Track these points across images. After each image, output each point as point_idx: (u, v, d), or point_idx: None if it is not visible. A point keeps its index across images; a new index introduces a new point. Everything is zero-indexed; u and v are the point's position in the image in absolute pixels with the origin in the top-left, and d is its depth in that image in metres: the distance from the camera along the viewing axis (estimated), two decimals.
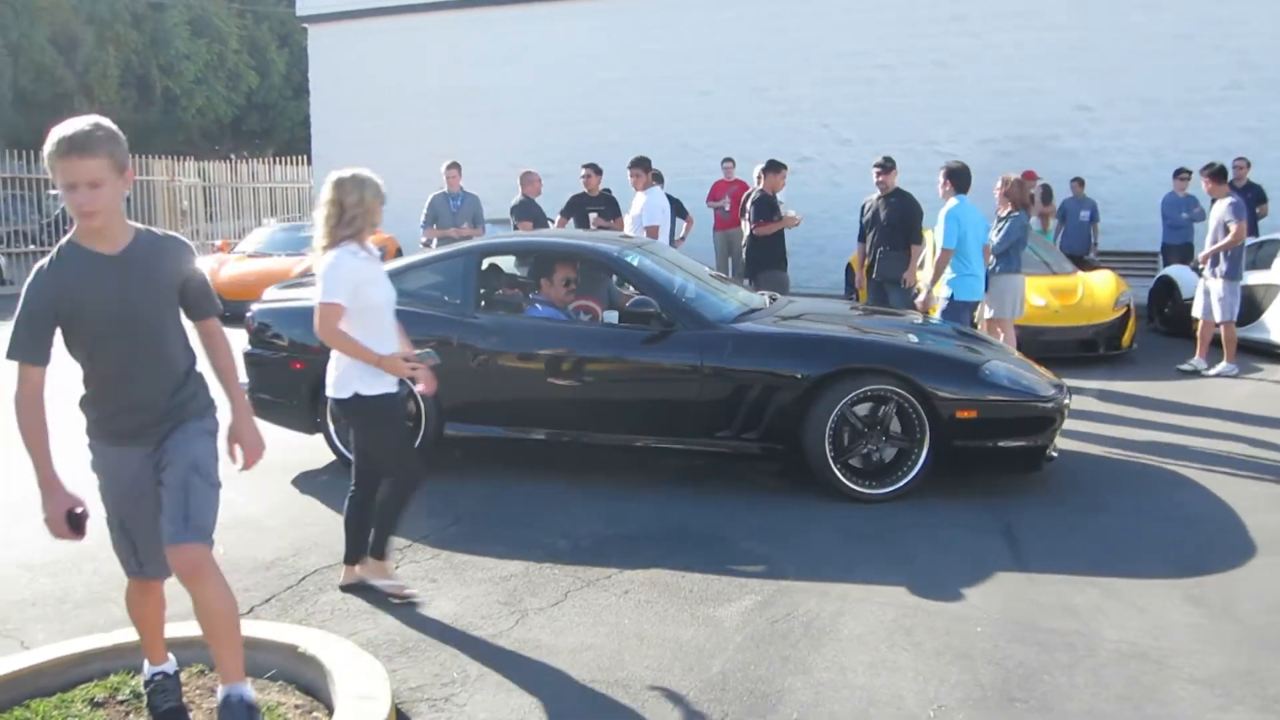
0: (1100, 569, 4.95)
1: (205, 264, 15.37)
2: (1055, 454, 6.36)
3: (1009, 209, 9.30)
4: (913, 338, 6.55)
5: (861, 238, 9.74)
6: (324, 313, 4.31)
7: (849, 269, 13.39)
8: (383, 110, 20.24)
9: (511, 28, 19.27)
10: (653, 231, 9.92)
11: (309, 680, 3.78)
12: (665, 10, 18.19)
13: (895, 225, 9.29)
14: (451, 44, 19.76)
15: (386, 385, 4.46)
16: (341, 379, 4.45)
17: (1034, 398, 6.12)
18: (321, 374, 6.35)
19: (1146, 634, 4.24)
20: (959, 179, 8.40)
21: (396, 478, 4.56)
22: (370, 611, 4.49)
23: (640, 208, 10.12)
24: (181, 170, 23.70)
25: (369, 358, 4.35)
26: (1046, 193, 14.70)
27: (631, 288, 7.13)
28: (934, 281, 8.45)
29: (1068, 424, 7.87)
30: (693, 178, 15.86)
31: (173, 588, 4.76)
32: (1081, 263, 12.63)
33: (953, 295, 8.25)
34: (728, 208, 15.71)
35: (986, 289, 8.57)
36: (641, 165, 10.26)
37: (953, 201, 8.35)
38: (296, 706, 3.61)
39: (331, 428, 6.64)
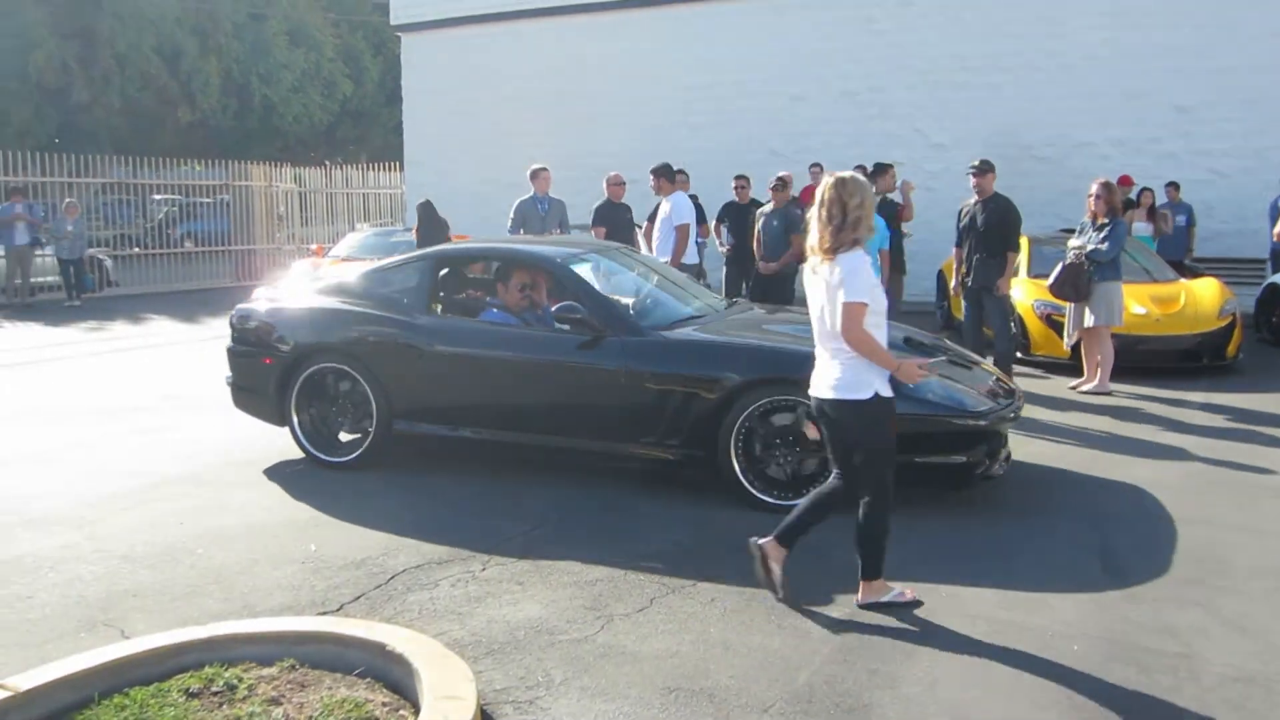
0: (1202, 588, 4.79)
1: (301, 267, 15.73)
2: (1000, 469, 6.09)
3: (1107, 215, 9.12)
4: None
5: (959, 244, 9.56)
6: (855, 312, 4.33)
7: (940, 275, 13.20)
8: (473, 117, 20.50)
9: (601, 34, 19.37)
10: (683, 231, 10.13)
11: (396, 678, 3.81)
12: (756, 14, 18.11)
13: (992, 230, 9.12)
14: (541, 51, 19.93)
15: (891, 389, 4.51)
16: (859, 380, 4.42)
17: (961, 413, 5.86)
18: (286, 371, 6.98)
19: (1253, 657, 4.08)
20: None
21: (881, 486, 4.51)
22: (457, 612, 4.52)
23: (669, 210, 10.24)
24: (278, 176, 24.23)
25: (889, 361, 4.42)
26: (1149, 197, 14.33)
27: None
28: None
29: (1172, 437, 7.67)
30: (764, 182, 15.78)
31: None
32: (1180, 269, 12.29)
33: None
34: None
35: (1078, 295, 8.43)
36: (664, 174, 10.43)
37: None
38: (384, 704, 3.64)
39: (296, 421, 6.98)
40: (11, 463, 7.26)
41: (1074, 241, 9.46)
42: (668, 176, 10.41)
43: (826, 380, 4.50)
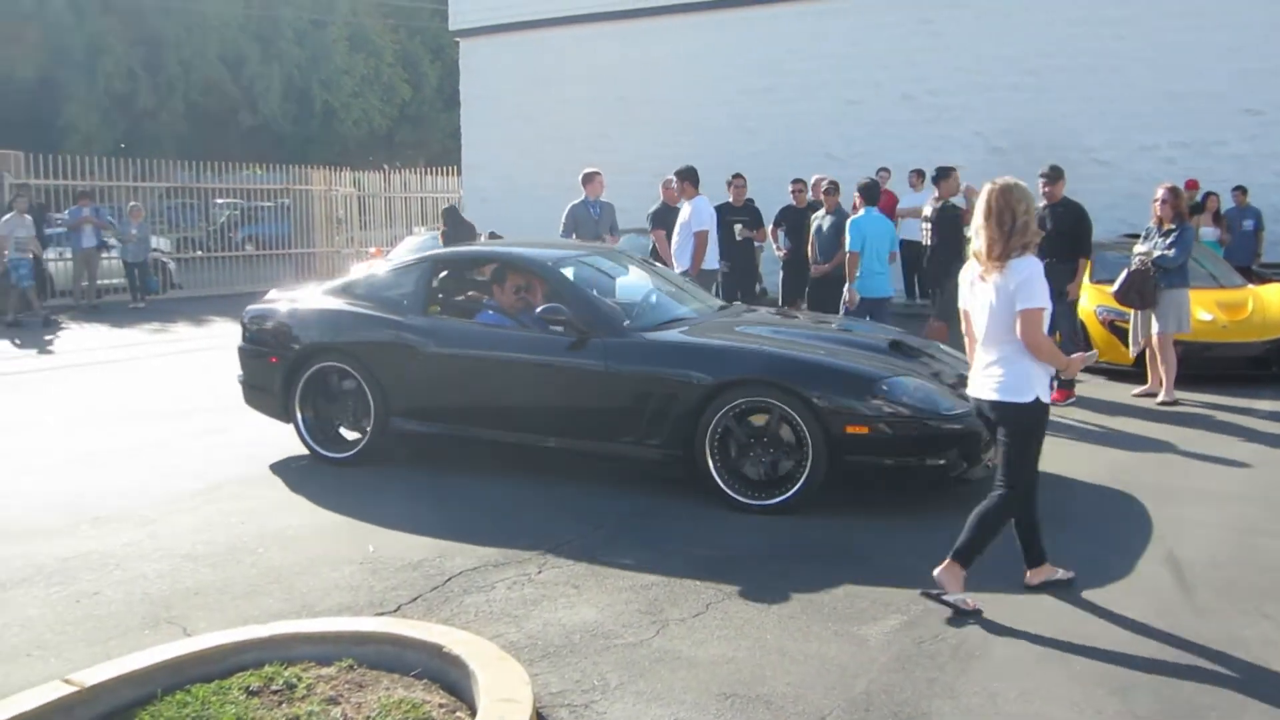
0: (1272, 601, 4.68)
1: (360, 270, 15.87)
2: (982, 472, 6.04)
3: (1173, 220, 8.96)
4: (820, 349, 6.43)
5: None
6: (1036, 318, 4.49)
7: None
8: (531, 120, 20.60)
9: (658, 38, 19.39)
10: (701, 237, 10.11)
11: (453, 680, 3.82)
12: (814, 18, 18.02)
13: (1064, 236, 8.95)
14: (597, 55, 19.99)
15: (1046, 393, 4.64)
16: (1022, 384, 4.54)
17: (935, 416, 5.90)
18: (290, 370, 7.19)
19: None
20: (869, 193, 9.61)
21: (1017, 490, 4.63)
22: (512, 615, 4.53)
23: (688, 215, 10.27)
24: (338, 180, 24.51)
25: (1061, 360, 4.63)
26: (1214, 202, 14.06)
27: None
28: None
29: (1239, 446, 7.51)
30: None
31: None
32: (1247, 274, 12.03)
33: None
34: None
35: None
36: (688, 178, 10.40)
37: (860, 212, 9.47)
38: (441, 705, 3.65)
39: (300, 418, 7.21)
40: (78, 461, 7.40)
41: (1139, 248, 9.29)
42: (691, 181, 10.40)
43: (989, 383, 4.63)
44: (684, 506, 6.11)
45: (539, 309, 6.68)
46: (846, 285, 9.45)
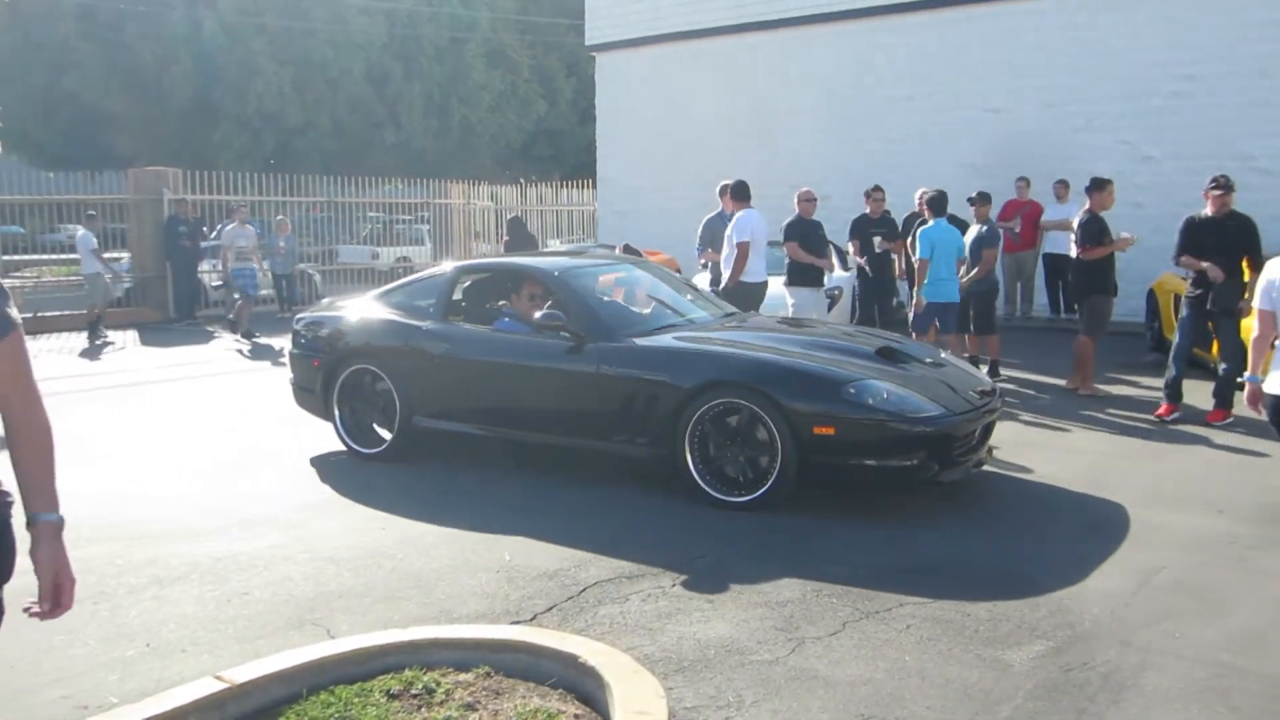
0: None
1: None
2: (957, 476, 6.34)
3: None
4: (798, 354, 6.61)
5: (1180, 259, 8.94)
6: None
7: (1150, 295, 12.54)
8: (666, 134, 20.69)
9: (794, 50, 19.27)
10: (742, 249, 10.17)
11: (588, 691, 3.83)
12: (953, 25, 17.68)
13: (1234, 249, 8.58)
14: (733, 67, 19.97)
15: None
16: None
17: (902, 419, 6.01)
18: (330, 372, 7.80)
19: None
20: (937, 205, 10.17)
21: None
22: (648, 628, 4.52)
23: (732, 227, 10.36)
24: (475, 194, 24.99)
25: None
26: None
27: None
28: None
29: None
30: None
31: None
32: None
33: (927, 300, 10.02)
34: (1018, 229, 15.11)
35: None
36: (736, 193, 10.52)
37: (930, 223, 10.10)
38: (575, 716, 3.67)
39: (337, 416, 7.86)
40: (231, 465, 7.68)
41: None
42: (739, 194, 10.51)
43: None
44: (814, 523, 6.03)
45: (537, 315, 7.13)
46: (915, 290, 10.24)
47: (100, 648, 4.39)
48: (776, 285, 11.72)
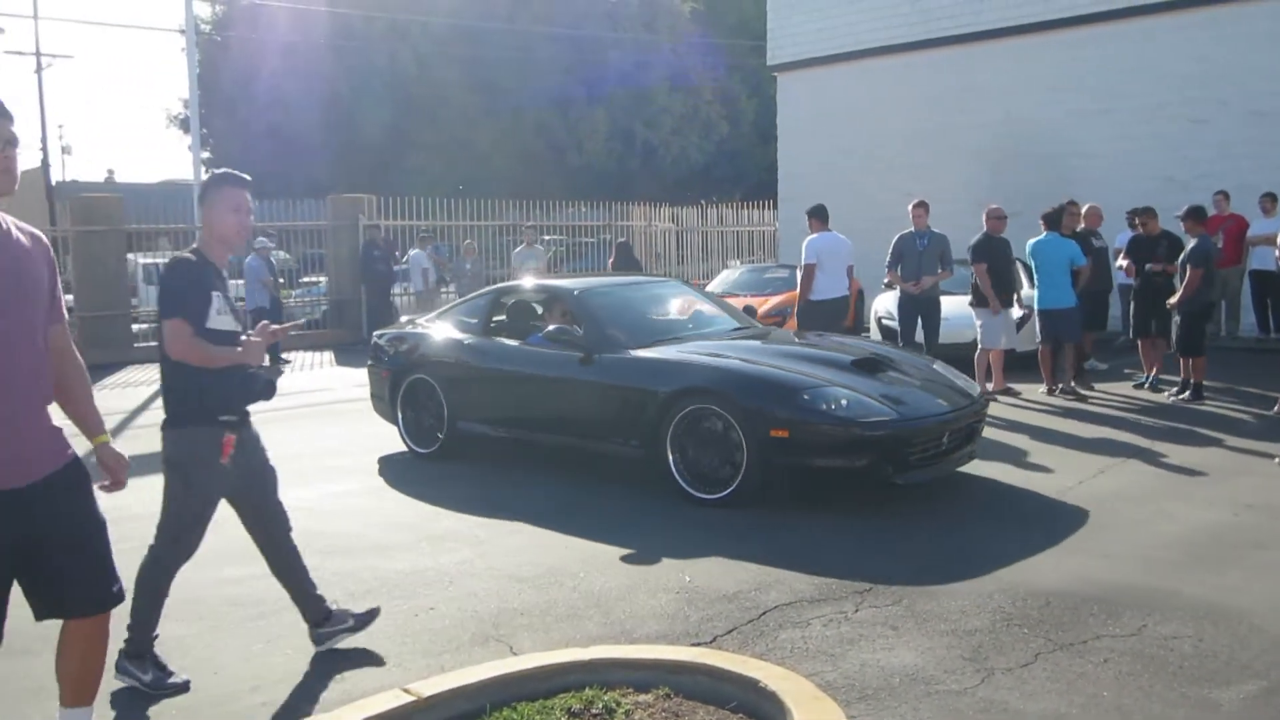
0: None
1: None
2: (915, 479, 6.73)
3: None
4: (770, 364, 7.17)
5: None
6: None
7: None
8: (849, 152, 20.43)
9: (979, 64, 18.77)
10: (808, 270, 10.75)
11: (767, 715, 3.76)
12: (1155, 33, 16.85)
13: None
14: (917, 84, 19.58)
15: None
16: None
17: (853, 423, 6.49)
18: (394, 381, 8.92)
19: None
20: (1052, 220, 10.89)
21: None
22: (830, 653, 4.42)
23: (804, 248, 10.92)
24: (656, 216, 25.22)
25: None
26: None
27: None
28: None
29: None
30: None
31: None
32: None
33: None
34: (1219, 245, 14.29)
35: None
36: (816, 216, 11.08)
37: (1042, 235, 10.86)
38: None
39: (400, 420, 8.90)
40: (422, 482, 7.92)
41: None
42: (819, 217, 11.07)
43: None
44: (1001, 547, 5.80)
45: (548, 329, 7.92)
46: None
47: (296, 657, 4.57)
48: (959, 304, 11.43)
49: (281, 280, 17.94)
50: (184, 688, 4.24)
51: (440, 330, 8.90)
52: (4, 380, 3.05)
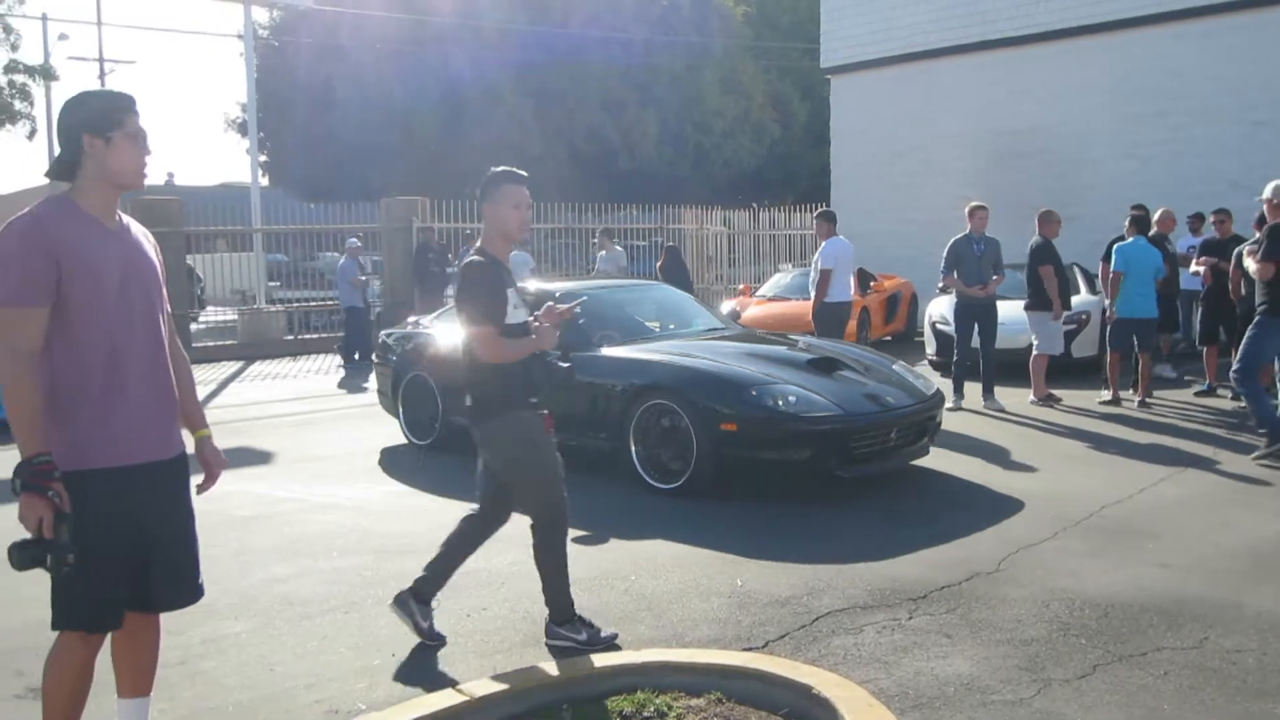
0: None
1: (728, 307, 16.23)
2: (861, 472, 7.10)
3: None
4: (725, 362, 7.58)
5: None
6: None
7: None
8: (901, 155, 20.30)
9: (1035, 66, 18.55)
10: (824, 275, 10.98)
11: None
12: (1216, 34, 16.58)
13: None
14: (971, 87, 19.41)
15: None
16: None
17: (796, 418, 6.95)
18: (396, 378, 9.52)
19: None
20: (1140, 224, 10.85)
21: None
22: (883, 661, 4.38)
23: (819, 253, 11.22)
24: (708, 219, 25.17)
25: None
26: None
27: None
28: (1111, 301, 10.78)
29: None
30: (1243, 216, 14.31)
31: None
32: None
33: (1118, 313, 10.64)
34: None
35: None
36: (827, 220, 11.43)
37: (1129, 240, 10.75)
38: None
39: (401, 415, 9.55)
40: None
41: None
42: (829, 221, 11.38)
43: None
44: (1055, 557, 5.72)
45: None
46: (1108, 302, 10.93)
47: (350, 655, 4.61)
48: (1014, 309, 11.32)
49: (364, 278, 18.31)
50: (612, 639, 4.54)
51: (439, 330, 9.38)
52: (158, 358, 3.27)
